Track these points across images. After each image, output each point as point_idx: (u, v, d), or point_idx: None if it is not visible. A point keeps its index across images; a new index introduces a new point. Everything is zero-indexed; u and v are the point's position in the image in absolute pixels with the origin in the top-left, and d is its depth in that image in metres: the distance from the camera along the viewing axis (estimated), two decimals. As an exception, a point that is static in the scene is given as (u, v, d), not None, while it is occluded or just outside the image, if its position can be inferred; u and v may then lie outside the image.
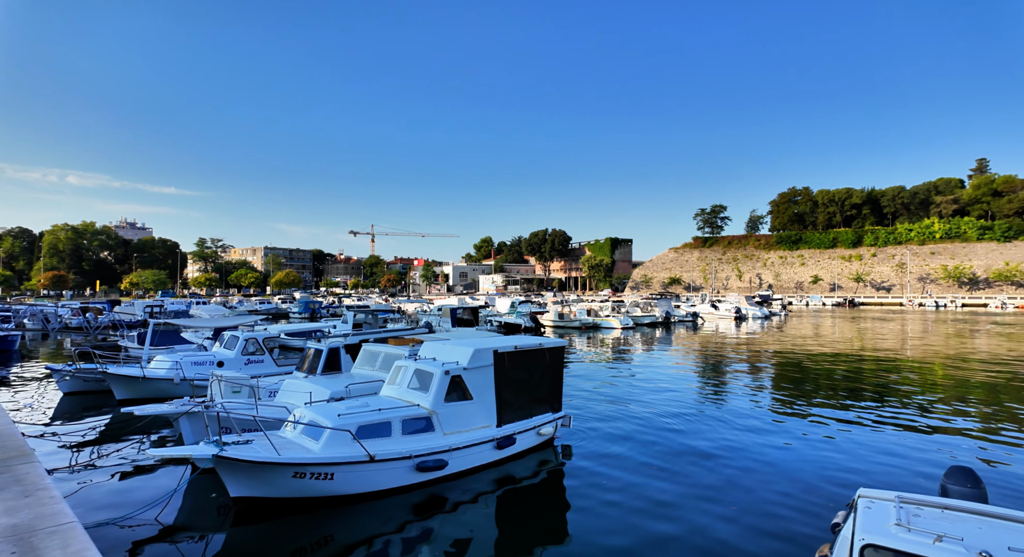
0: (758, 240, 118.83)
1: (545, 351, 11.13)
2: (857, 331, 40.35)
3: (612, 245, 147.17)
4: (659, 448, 11.13)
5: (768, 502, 8.34)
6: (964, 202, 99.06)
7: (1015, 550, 3.60)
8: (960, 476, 5.56)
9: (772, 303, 74.83)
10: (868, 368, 22.21)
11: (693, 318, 52.04)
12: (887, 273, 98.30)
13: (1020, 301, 76.83)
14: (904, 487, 8.82)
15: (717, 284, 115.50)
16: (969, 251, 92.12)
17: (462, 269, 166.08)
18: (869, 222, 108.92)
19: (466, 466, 9.35)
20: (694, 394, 16.90)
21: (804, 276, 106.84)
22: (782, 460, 10.37)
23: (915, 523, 4.08)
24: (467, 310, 36.14)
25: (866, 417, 13.71)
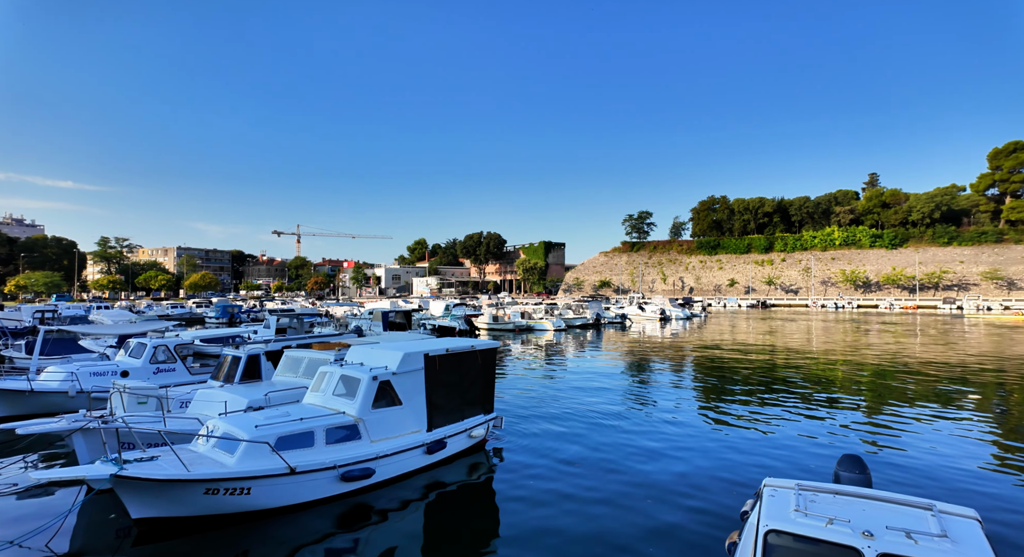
0: (681, 245, 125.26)
1: (477, 353, 11.12)
2: (768, 330, 43.50)
3: (546, 249, 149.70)
4: (588, 446, 11.42)
5: (686, 494, 8.78)
6: (859, 212, 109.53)
7: (891, 528, 4.03)
8: (849, 463, 6.14)
9: (693, 305, 79.12)
10: (778, 364, 23.99)
11: (622, 320, 53.94)
12: (795, 277, 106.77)
13: (905, 302, 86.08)
14: (808, 474, 9.61)
15: (644, 287, 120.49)
16: (863, 257, 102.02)
17: (395, 271, 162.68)
18: (779, 229, 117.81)
19: (395, 473, 9.15)
20: (622, 392, 17.51)
21: (722, 279, 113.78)
22: (701, 453, 10.97)
23: (811, 508, 4.46)
24: (400, 313, 35.41)
25: (775, 410, 14.80)
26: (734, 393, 17.33)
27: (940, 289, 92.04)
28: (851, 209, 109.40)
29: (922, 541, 3.87)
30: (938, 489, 8.97)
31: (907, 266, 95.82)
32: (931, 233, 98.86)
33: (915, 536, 3.91)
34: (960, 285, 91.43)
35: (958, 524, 4.19)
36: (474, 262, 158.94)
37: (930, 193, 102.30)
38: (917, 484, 9.22)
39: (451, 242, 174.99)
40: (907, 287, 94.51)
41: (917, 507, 4.46)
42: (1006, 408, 15.17)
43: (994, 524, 7.51)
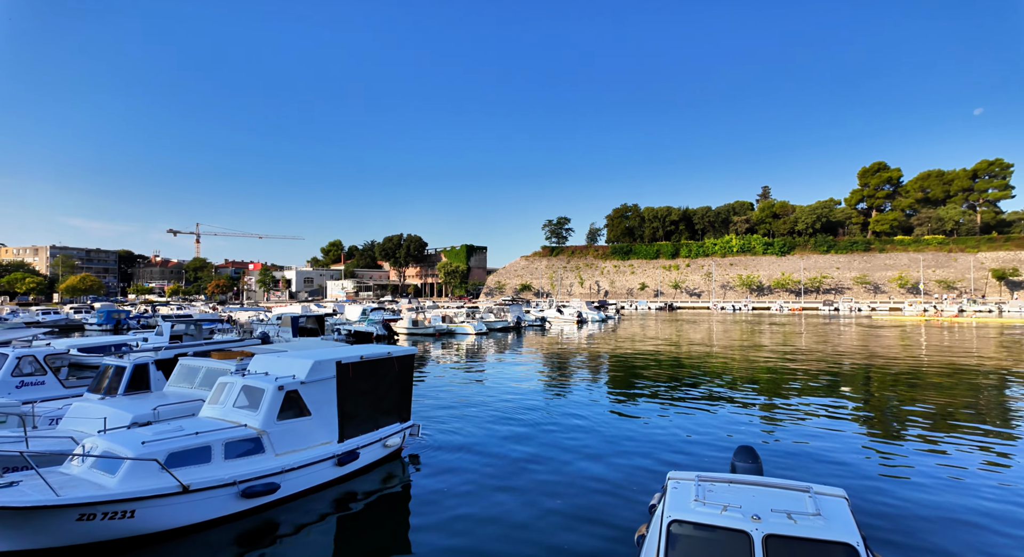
0: (597, 250, 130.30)
1: (394, 360, 10.84)
2: (674, 331, 46.32)
3: (468, 252, 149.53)
4: (506, 449, 11.50)
5: (601, 491, 9.10)
6: (754, 222, 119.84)
7: (775, 511, 4.45)
8: (743, 454, 6.67)
9: (608, 308, 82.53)
10: (683, 362, 25.59)
11: (541, 322, 55.05)
12: (698, 281, 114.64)
13: (792, 305, 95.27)
14: (714, 463, 10.29)
15: (562, 290, 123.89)
16: (757, 263, 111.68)
17: (307, 274, 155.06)
18: (684, 236, 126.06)
19: (302, 487, 8.67)
20: (541, 393, 17.84)
21: (634, 283, 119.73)
22: (614, 450, 11.41)
23: (709, 498, 4.79)
24: (311, 318, 33.74)
25: (682, 405, 15.76)
26: (645, 390, 18.25)
27: (821, 292, 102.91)
28: (747, 219, 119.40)
29: (800, 520, 4.29)
30: (817, 472, 9.96)
31: (794, 272, 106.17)
32: (813, 242, 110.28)
33: (795, 516, 4.34)
34: (837, 289, 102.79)
35: (829, 503, 4.68)
36: (393, 265, 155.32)
37: (812, 206, 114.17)
38: (801, 467, 10.18)
39: (369, 244, 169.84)
40: (794, 290, 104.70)
41: (797, 490, 4.93)
42: (870, 398, 17.22)
43: (858, 499, 8.46)
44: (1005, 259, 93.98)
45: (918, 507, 8.29)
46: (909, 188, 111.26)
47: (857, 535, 4.17)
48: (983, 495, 8.81)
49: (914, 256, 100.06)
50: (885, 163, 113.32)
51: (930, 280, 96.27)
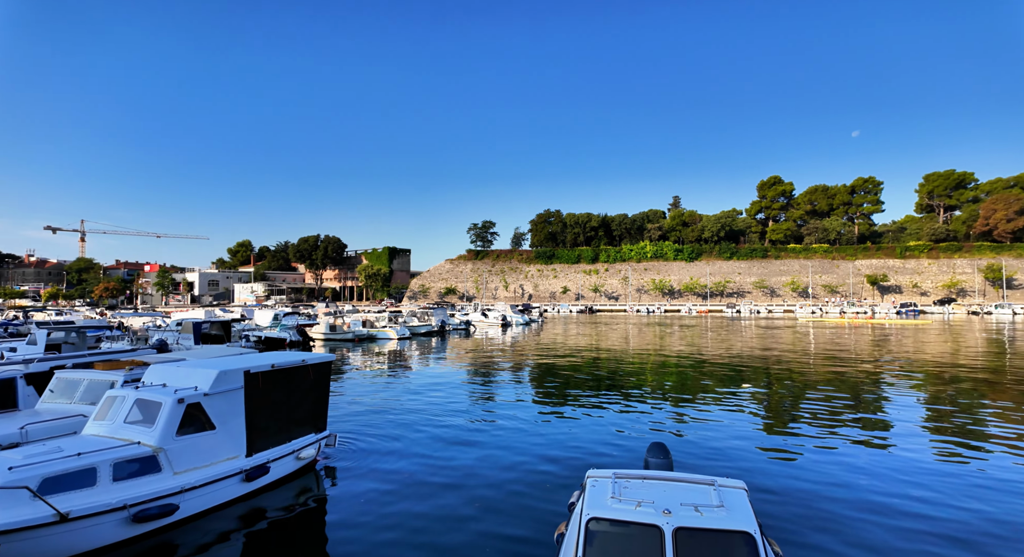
0: (521, 254, 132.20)
1: (309, 367, 10.31)
2: (594, 333, 47.96)
3: (390, 255, 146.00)
4: (426, 456, 11.29)
5: (522, 493, 9.18)
6: (666, 229, 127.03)
7: (684, 505, 4.73)
8: (656, 450, 7.00)
9: (532, 311, 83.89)
10: (602, 362, 26.53)
11: (466, 326, 54.87)
12: (616, 285, 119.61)
13: (700, 307, 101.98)
14: (629, 461, 10.71)
15: (487, 294, 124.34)
16: (668, 268, 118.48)
17: (212, 276, 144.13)
18: (603, 242, 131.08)
19: (205, 507, 8.00)
20: (465, 397, 17.74)
21: (556, 287, 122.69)
22: (537, 451, 11.56)
23: (624, 494, 4.99)
24: (216, 324, 31.38)
25: (601, 403, 16.30)
26: (567, 390, 18.70)
27: (725, 295, 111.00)
28: (660, 226, 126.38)
29: (706, 512, 4.59)
30: (722, 464, 10.69)
31: (701, 276, 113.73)
32: (718, 249, 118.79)
33: (701, 509, 4.63)
34: (738, 292, 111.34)
35: (731, 495, 5.03)
36: (310, 267, 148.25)
37: (717, 215, 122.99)
38: (708, 460, 10.88)
39: (282, 245, 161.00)
40: (701, 294, 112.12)
41: (703, 484, 5.27)
42: (768, 393, 18.79)
43: (756, 489, 9.18)
44: (876, 266, 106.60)
45: (807, 495, 9.12)
46: (800, 201, 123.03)
47: (754, 524, 4.51)
48: (862, 481, 9.86)
49: (804, 263, 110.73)
50: (780, 177, 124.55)
51: (817, 285, 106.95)
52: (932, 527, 7.69)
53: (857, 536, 7.41)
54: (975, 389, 19.03)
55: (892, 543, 7.21)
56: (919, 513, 8.18)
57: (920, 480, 9.63)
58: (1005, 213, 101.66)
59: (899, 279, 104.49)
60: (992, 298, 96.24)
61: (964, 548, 7.07)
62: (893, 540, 7.29)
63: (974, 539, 7.31)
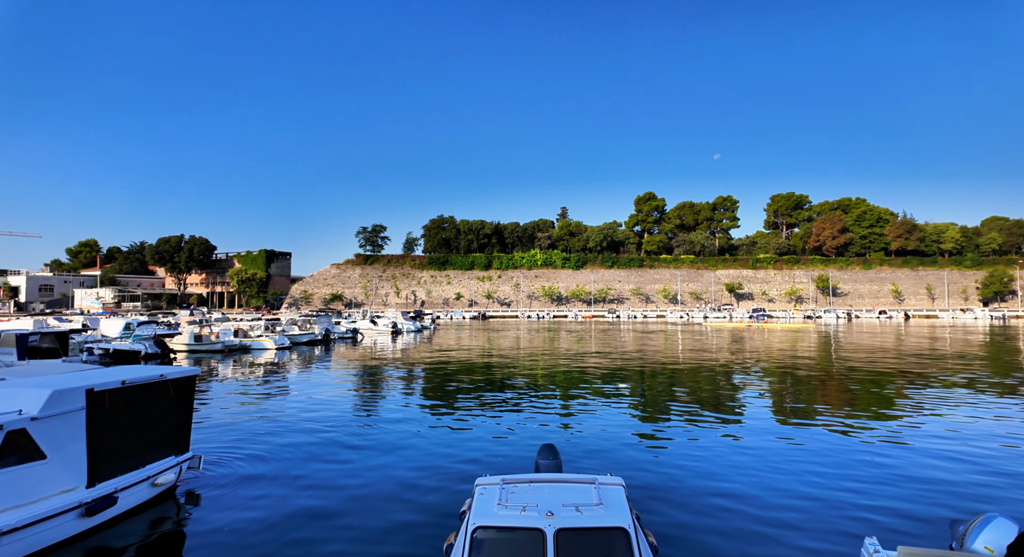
0: (413, 260, 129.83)
1: (168, 383, 9.13)
2: (487, 339, 48.41)
3: (268, 258, 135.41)
4: (309, 473, 10.53)
5: (413, 505, 8.89)
6: (555, 238, 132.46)
7: (566, 506, 4.84)
8: (545, 452, 7.15)
9: (424, 318, 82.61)
10: (494, 367, 26.81)
11: (353, 334, 52.49)
12: (508, 291, 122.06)
13: (585, 313, 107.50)
14: (522, 465, 10.83)
15: (377, 300, 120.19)
16: (557, 276, 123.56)
17: (44, 280, 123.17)
18: (496, 249, 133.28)
19: (31, 550, 6.71)
20: (349, 410, 16.87)
21: (450, 293, 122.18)
22: (428, 461, 11.29)
23: (511, 500, 5.02)
24: (49, 336, 26.72)
25: (494, 408, 16.41)
26: (459, 397, 18.59)
27: (607, 302, 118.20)
28: (549, 235, 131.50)
29: (586, 511, 4.74)
30: (605, 461, 11.26)
31: (586, 284, 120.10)
32: (601, 258, 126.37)
33: (582, 509, 4.78)
34: (619, 299, 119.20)
35: (610, 492, 5.26)
36: (171, 271, 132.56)
37: (600, 227, 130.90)
38: (595, 457, 11.40)
39: (137, 246, 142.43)
40: (586, 301, 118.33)
41: (585, 483, 5.47)
42: (644, 391, 20.26)
43: (636, 484, 9.80)
44: (733, 276, 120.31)
45: (681, 486, 9.92)
46: (671, 215, 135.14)
47: (629, 519, 4.72)
48: (726, 471, 10.95)
49: (674, 272, 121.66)
50: (654, 193, 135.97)
51: (685, 292, 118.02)
52: (789, 510, 8.75)
53: (724, 521, 8.18)
54: (813, 381, 22.15)
55: (755, 528, 8.05)
56: (779, 502, 9.26)
57: (778, 466, 10.92)
58: (831, 232, 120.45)
59: (751, 287, 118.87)
60: (823, 304, 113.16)
61: (813, 525, 8.13)
62: (756, 525, 8.15)
63: (820, 516, 8.44)
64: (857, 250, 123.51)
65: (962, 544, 5.16)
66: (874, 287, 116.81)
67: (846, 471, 10.35)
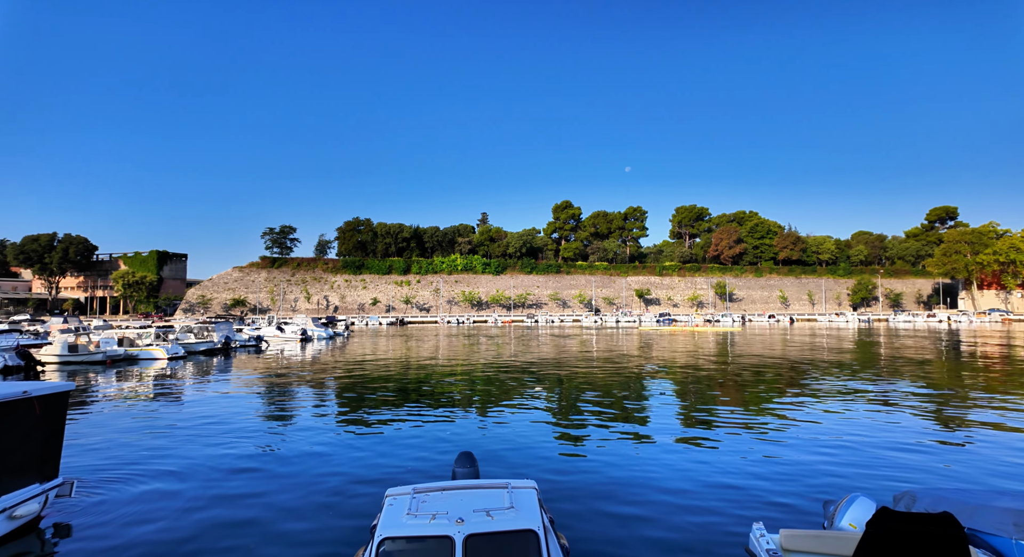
0: (326, 263, 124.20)
1: (32, 401, 8.00)
2: (405, 345, 47.35)
3: (160, 260, 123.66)
4: (200, 496, 9.68)
5: (318, 525, 8.45)
6: (475, 243, 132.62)
7: (477, 511, 4.80)
8: (463, 459, 7.09)
9: (337, 324, 79.30)
10: (412, 374, 26.23)
11: (257, 342, 49.18)
12: (427, 296, 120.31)
13: (504, 318, 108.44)
14: (441, 473, 10.62)
15: (286, 306, 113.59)
16: (477, 281, 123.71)
17: None
18: (416, 254, 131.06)
19: None
20: (250, 424, 15.72)
21: (366, 298, 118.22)
22: (339, 475, 10.77)
23: (422, 508, 4.90)
24: None
25: (412, 417, 16.01)
26: (373, 406, 17.96)
27: (526, 307, 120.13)
28: (469, 240, 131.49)
29: (497, 516, 4.72)
30: (522, 465, 11.38)
31: (506, 289, 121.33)
32: (520, 264, 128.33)
33: (493, 513, 4.75)
34: (537, 304, 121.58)
35: (522, 495, 5.29)
36: (41, 273, 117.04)
37: (520, 233, 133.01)
38: (513, 462, 11.46)
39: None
40: (506, 305, 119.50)
41: (497, 488, 5.46)
42: (560, 394, 20.77)
43: (551, 487, 10.00)
44: (642, 282, 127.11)
45: (594, 486, 10.23)
46: (586, 223, 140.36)
47: (539, 521, 4.74)
48: (636, 470, 11.46)
49: (589, 278, 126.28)
50: (570, 202, 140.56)
51: (599, 297, 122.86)
52: (698, 507, 9.30)
53: (632, 518, 8.54)
54: (716, 380, 23.85)
55: (661, 522, 8.48)
56: (684, 497, 9.81)
57: (684, 463, 11.59)
58: (728, 242, 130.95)
59: (658, 293, 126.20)
60: (721, 309, 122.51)
61: (719, 518, 8.70)
62: (662, 519, 8.59)
63: (722, 510, 9.06)
64: (750, 259, 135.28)
65: (831, 522, 5.82)
66: (764, 293, 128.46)
67: (741, 464, 11.22)
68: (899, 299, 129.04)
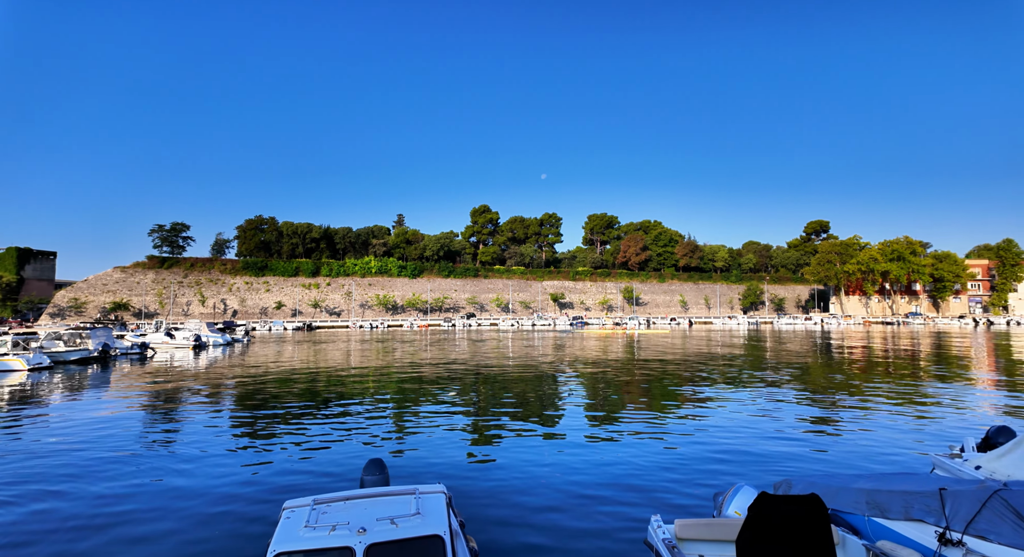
0: (224, 264, 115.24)
1: None
2: (312, 351, 45.01)
3: (21, 258, 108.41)
4: (58, 530, 8.53)
5: (212, 542, 7.76)
6: (391, 245, 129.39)
7: (380, 520, 4.63)
8: (372, 467, 6.83)
9: (236, 329, 73.81)
10: (320, 382, 24.92)
11: (142, 349, 44.51)
12: (338, 300, 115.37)
13: (421, 322, 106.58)
14: (351, 484, 10.11)
15: (177, 310, 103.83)
16: (392, 284, 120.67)
17: None
18: (325, 255, 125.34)
19: None
20: (131, 442, 14.12)
21: (269, 302, 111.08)
22: (235, 489, 9.96)
23: (321, 520, 4.66)
24: None
25: (319, 427, 15.18)
26: (275, 416, 16.83)
27: (443, 311, 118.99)
28: (384, 242, 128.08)
29: (401, 523, 4.59)
30: (436, 472, 11.19)
31: (423, 293, 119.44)
32: (438, 267, 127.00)
33: (397, 521, 4.60)
34: (455, 308, 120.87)
35: (429, 500, 5.18)
36: None
37: (438, 236, 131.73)
38: (425, 468, 11.22)
39: None
40: (423, 309, 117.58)
41: (405, 494, 5.32)
42: (475, 398, 20.73)
43: (463, 490, 9.92)
44: (557, 287, 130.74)
45: (506, 488, 10.29)
46: (504, 228, 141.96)
47: (446, 525, 4.65)
48: (547, 470, 11.67)
49: (506, 282, 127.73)
50: (488, 206, 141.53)
51: (515, 301, 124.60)
52: (605, 509, 9.61)
53: (542, 518, 8.67)
54: (621, 380, 24.96)
55: (569, 521, 8.67)
56: (592, 494, 10.12)
57: (592, 461, 11.96)
58: (635, 249, 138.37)
59: (572, 297, 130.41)
60: (628, 312, 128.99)
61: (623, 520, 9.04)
62: (577, 517, 8.80)
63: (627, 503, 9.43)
64: (655, 266, 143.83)
65: (720, 511, 6.28)
66: (667, 298, 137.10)
67: (643, 460, 11.81)
68: (782, 303, 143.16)
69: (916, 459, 11.49)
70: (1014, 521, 4.17)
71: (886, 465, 11.26)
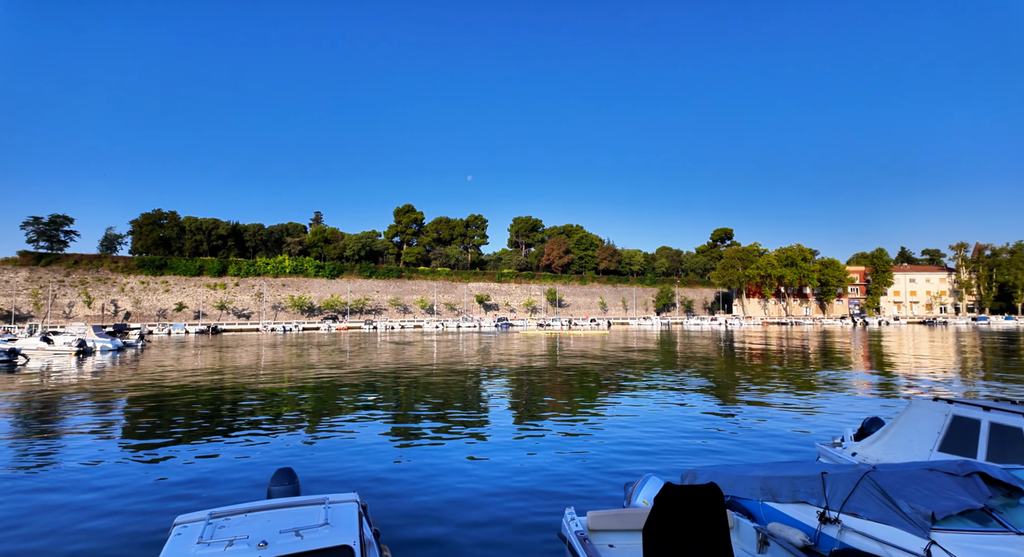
0: (116, 262, 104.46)
1: None
2: (217, 357, 41.85)
3: None
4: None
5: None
6: (307, 244, 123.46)
7: (285, 532, 4.36)
8: (280, 477, 6.43)
9: (129, 333, 67.31)
10: (224, 390, 23.20)
11: (11, 357, 39.20)
12: (248, 301, 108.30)
13: (340, 324, 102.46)
14: (256, 495, 9.42)
15: (57, 312, 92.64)
16: (309, 285, 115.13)
17: None
18: (233, 253, 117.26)
19: None
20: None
21: (169, 303, 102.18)
22: (115, 505, 8.98)
23: (218, 534, 4.33)
24: None
25: (219, 437, 14.08)
26: (170, 427, 15.41)
27: (364, 312, 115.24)
28: (300, 241, 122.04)
29: (307, 534, 4.33)
30: (350, 480, 10.75)
31: (342, 294, 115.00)
32: (359, 267, 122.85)
33: (303, 532, 4.34)
34: (377, 309, 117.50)
35: (340, 509, 4.94)
36: None
37: (359, 235, 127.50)
38: (339, 477, 10.75)
39: None
40: (342, 311, 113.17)
41: (313, 504, 5.04)
42: (395, 403, 20.24)
43: (380, 497, 9.62)
44: (482, 288, 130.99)
45: (424, 490, 10.10)
46: (429, 229, 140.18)
47: (355, 535, 4.45)
48: (466, 471, 11.59)
49: (431, 283, 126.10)
50: (413, 206, 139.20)
51: (441, 303, 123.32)
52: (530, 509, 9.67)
53: (461, 521, 8.59)
54: (544, 381, 25.40)
55: (489, 523, 8.66)
56: (512, 493, 10.16)
57: (512, 462, 12.02)
58: (558, 252, 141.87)
59: (497, 299, 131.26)
60: (551, 314, 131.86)
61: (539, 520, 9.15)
62: (493, 517, 8.78)
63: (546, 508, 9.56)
64: (576, 269, 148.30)
65: (630, 501, 6.57)
66: (588, 299, 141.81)
67: (559, 456, 12.09)
68: (691, 305, 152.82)
69: (804, 448, 12.66)
70: (880, 499, 4.71)
71: (779, 454, 12.30)
